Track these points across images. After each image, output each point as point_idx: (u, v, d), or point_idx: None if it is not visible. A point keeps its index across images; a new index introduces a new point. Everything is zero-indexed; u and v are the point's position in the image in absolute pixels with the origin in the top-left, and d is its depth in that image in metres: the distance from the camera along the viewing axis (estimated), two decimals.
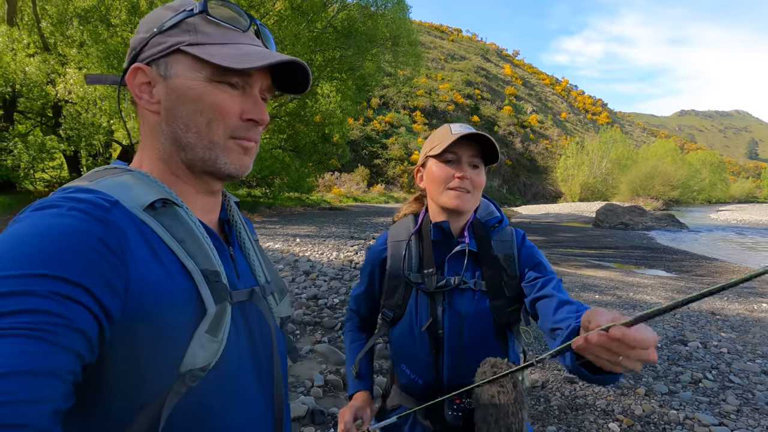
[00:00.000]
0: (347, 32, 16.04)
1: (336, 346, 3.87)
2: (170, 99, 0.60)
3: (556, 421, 2.92)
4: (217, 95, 0.60)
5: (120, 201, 0.53)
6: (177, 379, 0.52)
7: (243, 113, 0.62)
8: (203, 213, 0.66)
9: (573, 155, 56.35)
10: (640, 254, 12.03)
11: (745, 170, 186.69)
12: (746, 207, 56.57)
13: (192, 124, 0.60)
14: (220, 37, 0.61)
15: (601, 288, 6.97)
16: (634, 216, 20.89)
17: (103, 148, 14.17)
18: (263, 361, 0.66)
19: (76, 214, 0.48)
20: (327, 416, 2.73)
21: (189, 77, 0.60)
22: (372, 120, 49.95)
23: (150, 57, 0.61)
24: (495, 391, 0.86)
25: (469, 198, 1.04)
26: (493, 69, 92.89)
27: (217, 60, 0.58)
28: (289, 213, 17.84)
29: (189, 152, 0.61)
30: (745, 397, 3.34)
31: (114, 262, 0.48)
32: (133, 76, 0.61)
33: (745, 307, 6.13)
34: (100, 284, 0.46)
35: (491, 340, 1.04)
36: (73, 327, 0.42)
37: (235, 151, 0.63)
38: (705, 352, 4.22)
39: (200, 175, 0.64)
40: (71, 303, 0.43)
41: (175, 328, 0.52)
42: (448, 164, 1.05)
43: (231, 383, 0.59)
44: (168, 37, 0.60)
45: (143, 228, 0.54)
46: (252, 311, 0.66)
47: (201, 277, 0.56)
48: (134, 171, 0.60)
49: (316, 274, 6.36)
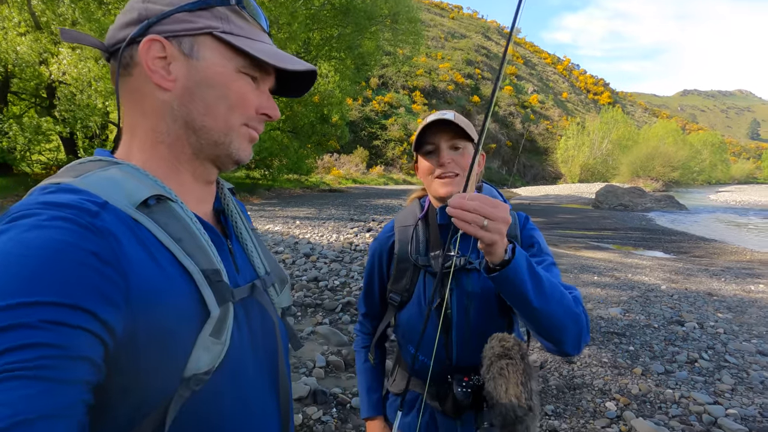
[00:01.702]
0: (345, 9, 15.67)
1: (337, 328, 3.91)
2: (192, 80, 0.58)
3: (554, 400, 2.97)
4: (243, 86, 0.61)
5: (109, 201, 0.49)
6: (181, 384, 0.50)
7: (259, 107, 0.64)
8: (198, 204, 0.64)
9: (573, 136, 55.92)
10: (639, 236, 12.07)
11: (746, 151, 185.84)
12: (746, 188, 56.58)
13: (213, 108, 0.59)
14: (250, 33, 0.62)
15: (600, 269, 7.01)
16: (633, 197, 20.89)
17: (100, 129, 14.01)
18: (266, 355, 0.65)
19: (60, 224, 0.43)
20: (329, 396, 2.78)
21: (219, 63, 0.59)
22: (371, 100, 49.29)
23: (171, 32, 0.57)
24: (504, 364, 0.88)
25: (458, 181, 1.05)
26: (494, 48, 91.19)
27: (260, 55, 0.60)
28: (289, 195, 17.80)
29: (203, 136, 0.60)
30: (739, 376, 3.39)
31: (109, 274, 0.44)
32: (149, 47, 0.56)
33: (742, 288, 6.19)
34: (97, 301, 0.42)
35: (496, 319, 1.05)
36: (75, 356, 0.40)
37: (245, 140, 0.64)
38: (701, 332, 4.28)
39: (203, 161, 0.62)
40: (68, 329, 0.39)
41: (177, 333, 0.50)
42: (428, 156, 1.08)
43: (234, 382, 0.57)
44: (197, 18, 0.58)
45: (137, 229, 0.50)
46: (253, 306, 0.64)
47: (202, 277, 0.53)
48: (122, 163, 0.56)
49: (317, 257, 6.38)
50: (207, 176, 0.64)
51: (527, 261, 0.84)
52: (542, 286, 0.84)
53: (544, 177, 58.96)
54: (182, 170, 0.61)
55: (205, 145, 0.60)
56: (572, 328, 0.89)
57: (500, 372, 0.88)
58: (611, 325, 4.35)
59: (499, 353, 0.90)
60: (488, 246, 0.79)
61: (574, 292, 0.95)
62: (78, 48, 10.93)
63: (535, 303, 0.83)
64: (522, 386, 0.86)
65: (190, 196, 0.62)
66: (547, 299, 0.85)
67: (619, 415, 2.79)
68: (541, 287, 0.84)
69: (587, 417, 2.78)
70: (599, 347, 3.84)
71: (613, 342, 3.96)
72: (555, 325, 0.87)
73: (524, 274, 0.82)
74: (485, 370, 0.91)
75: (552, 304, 0.85)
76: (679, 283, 6.41)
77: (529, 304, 0.84)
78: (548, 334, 0.89)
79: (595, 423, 2.71)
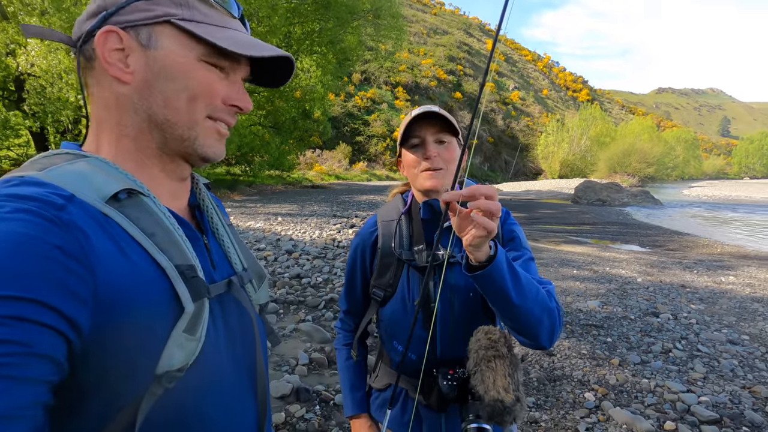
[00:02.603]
0: (327, 3, 15.49)
1: (320, 325, 3.89)
2: (151, 71, 0.55)
3: (536, 392, 3.02)
4: (207, 75, 0.58)
5: (76, 195, 0.47)
6: (153, 382, 0.48)
7: (227, 98, 0.61)
8: (171, 200, 0.62)
9: (553, 132, 56.85)
10: (616, 230, 12.38)
11: (717, 147, 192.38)
12: (717, 183, 58.67)
13: (172, 101, 0.56)
14: (215, 19, 0.59)
15: (579, 263, 7.16)
16: (611, 192, 21.39)
17: (72, 124, 13.54)
18: (244, 351, 0.64)
19: (23, 216, 0.41)
20: (312, 394, 2.76)
21: (179, 53, 0.56)
22: (353, 96, 48.98)
23: (128, 22, 0.54)
24: (491, 356, 0.89)
25: (443, 174, 1.06)
26: (475, 44, 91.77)
27: (222, 43, 0.56)
28: (270, 191, 17.59)
29: (166, 130, 0.57)
30: (711, 365, 3.52)
31: (75, 268, 0.43)
32: (104, 39, 0.54)
33: (713, 280, 6.41)
34: (61, 296, 0.41)
35: (479, 312, 1.06)
36: (36, 353, 0.38)
37: (212, 135, 0.61)
38: (675, 323, 4.42)
39: (173, 157, 0.60)
40: (29, 325, 0.38)
41: (150, 329, 0.48)
42: (414, 149, 1.08)
43: (209, 380, 0.56)
44: (155, 5, 0.55)
45: (107, 223, 0.48)
46: (230, 302, 0.63)
47: (176, 273, 0.52)
48: (90, 156, 0.54)
49: (299, 253, 6.33)
50: (179, 172, 0.62)
51: (507, 258, 0.85)
52: (520, 283, 0.85)
53: (525, 173, 59.83)
54: (150, 164, 0.59)
55: (170, 140, 0.58)
56: (547, 323, 0.90)
57: (488, 364, 0.88)
58: (590, 318, 4.45)
59: (485, 345, 0.91)
60: (480, 242, 0.79)
61: (548, 287, 0.97)
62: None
63: (514, 300, 0.84)
64: (509, 377, 0.87)
65: (163, 191, 0.60)
66: (525, 296, 0.86)
67: (597, 405, 2.86)
68: (519, 284, 0.85)
69: (567, 408, 2.83)
70: (578, 339, 3.92)
71: (591, 334, 4.05)
72: (531, 320, 0.88)
73: (505, 272, 0.83)
74: (472, 363, 0.91)
75: (529, 301, 0.87)
76: (654, 275, 6.60)
77: (509, 301, 0.84)
78: (524, 329, 0.90)
79: (574, 413, 2.76)
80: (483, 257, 0.81)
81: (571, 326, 4.23)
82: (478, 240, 0.78)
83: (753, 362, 3.58)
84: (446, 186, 1.07)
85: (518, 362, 0.91)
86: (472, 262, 0.83)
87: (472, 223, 0.78)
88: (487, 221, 0.75)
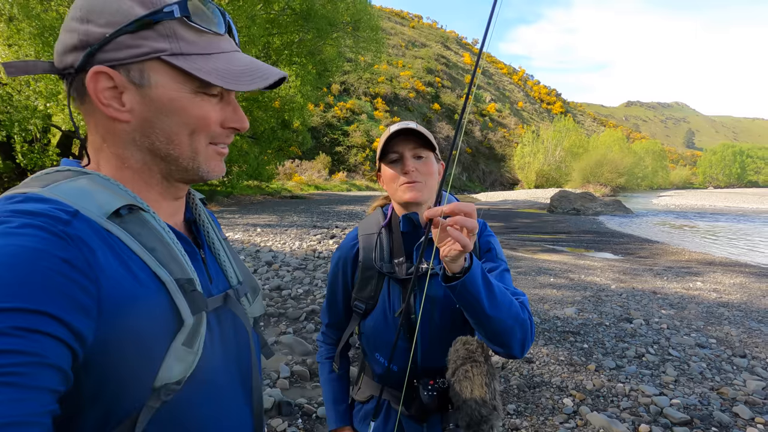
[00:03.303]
0: (306, 15, 15.56)
1: (301, 337, 3.85)
2: (148, 109, 0.55)
3: (516, 399, 3.06)
4: (203, 107, 0.58)
5: (80, 210, 0.48)
6: (151, 394, 0.49)
7: (224, 122, 0.61)
8: (169, 216, 0.63)
9: (529, 143, 58.25)
10: (591, 238, 12.72)
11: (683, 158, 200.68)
12: (684, 193, 61.13)
13: (175, 137, 0.57)
14: (203, 46, 0.56)
15: (556, 271, 7.32)
16: (585, 202, 22.00)
17: (41, 133, 13.08)
18: (239, 364, 0.65)
19: (32, 231, 0.43)
20: (294, 407, 2.73)
21: (173, 88, 0.55)
22: (333, 106, 49.06)
23: (116, 61, 0.53)
24: (469, 366, 0.91)
25: (421, 187, 1.08)
26: (453, 57, 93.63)
27: (214, 80, 0.55)
28: (249, 202, 17.35)
29: (171, 162, 0.58)
30: (681, 368, 3.65)
31: (82, 281, 0.44)
32: (95, 80, 0.53)
33: (682, 286, 6.66)
34: (68, 308, 0.42)
35: (459, 323, 1.08)
36: (46, 363, 0.40)
37: (214, 158, 0.62)
38: (648, 328, 4.56)
39: (174, 182, 0.61)
40: (40, 336, 0.40)
41: (150, 342, 0.50)
42: (393, 164, 1.10)
43: (206, 391, 0.57)
44: (141, 41, 0.53)
45: (109, 238, 0.50)
46: (226, 315, 0.64)
47: (176, 286, 0.53)
48: (91, 174, 0.55)
49: (279, 265, 6.26)
50: (176, 193, 0.64)
51: (481, 269, 0.87)
52: (494, 294, 0.88)
53: (503, 183, 60.91)
54: (151, 190, 0.60)
55: (174, 171, 0.60)
56: (519, 333, 0.93)
57: (465, 374, 0.90)
58: (567, 325, 4.55)
59: (463, 356, 0.93)
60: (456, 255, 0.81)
61: (522, 298, 1.00)
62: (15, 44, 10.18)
63: (488, 310, 0.87)
64: (486, 387, 0.89)
65: (161, 209, 0.61)
66: (498, 307, 0.88)
67: (575, 410, 2.93)
68: (493, 295, 0.88)
69: (546, 414, 2.89)
70: (556, 346, 4.00)
71: (569, 341, 4.14)
72: (504, 330, 0.90)
73: (479, 283, 0.85)
74: (450, 373, 0.93)
75: (502, 312, 0.89)
76: (627, 282, 6.81)
77: (483, 312, 0.87)
78: (497, 339, 0.92)
79: (554, 419, 2.82)
80: (458, 269, 0.84)
81: (549, 333, 4.32)
82: (454, 253, 0.81)
83: (720, 364, 3.73)
84: (425, 198, 1.10)
85: (495, 371, 0.94)
86: (448, 273, 0.85)
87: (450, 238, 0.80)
88: (462, 237, 0.77)
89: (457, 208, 0.79)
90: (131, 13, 0.52)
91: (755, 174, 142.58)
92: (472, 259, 0.85)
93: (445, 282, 0.86)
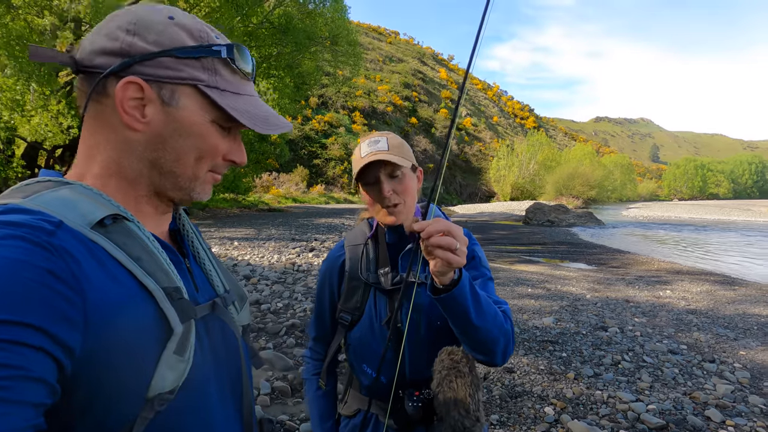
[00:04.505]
0: (284, 29, 15.62)
1: (282, 352, 3.78)
2: (167, 128, 0.57)
3: (498, 410, 3.08)
4: (216, 137, 0.61)
5: (64, 221, 0.48)
6: (144, 405, 0.49)
7: (227, 154, 0.64)
8: (154, 226, 0.63)
9: (504, 157, 59.67)
10: (565, 249, 13.04)
11: (649, 172, 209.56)
12: (651, 204, 63.66)
13: (183, 157, 0.59)
14: (235, 86, 0.61)
15: (533, 282, 7.46)
16: (559, 214, 22.60)
17: (4, 144, 12.55)
18: (229, 372, 0.65)
19: (15, 243, 0.42)
20: (276, 424, 2.66)
21: (197, 114, 0.58)
22: (311, 119, 49.08)
23: (153, 76, 0.55)
24: (453, 377, 0.91)
25: (401, 209, 1.08)
26: (429, 72, 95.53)
27: (242, 119, 0.59)
28: (225, 215, 17.03)
29: (168, 179, 0.60)
30: (656, 374, 3.76)
31: (66, 293, 0.43)
32: (126, 88, 0.54)
33: (653, 294, 6.89)
34: (54, 320, 0.41)
35: (445, 333, 1.08)
36: (30, 376, 0.39)
37: (208, 183, 0.64)
38: (622, 336, 4.69)
39: (162, 198, 0.62)
40: (24, 349, 0.39)
41: (139, 352, 0.49)
42: (369, 187, 1.08)
43: (197, 400, 0.57)
44: (184, 66, 0.56)
45: (94, 249, 0.49)
46: (215, 324, 0.64)
47: (163, 295, 0.53)
48: (74, 184, 0.54)
49: (258, 279, 6.15)
50: (164, 209, 0.64)
51: (470, 282, 0.89)
52: (481, 306, 0.89)
53: (479, 195, 61.98)
54: (140, 202, 0.61)
55: (168, 187, 0.61)
56: (502, 342, 0.94)
57: (449, 385, 0.91)
58: (545, 334, 4.63)
59: (448, 366, 0.93)
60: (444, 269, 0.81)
61: (504, 307, 1.01)
62: None
63: (475, 321, 0.87)
64: (470, 398, 0.90)
65: (146, 220, 0.61)
66: (484, 318, 0.89)
67: (557, 418, 2.96)
68: (480, 306, 0.89)
69: (529, 423, 2.91)
70: (536, 355, 4.06)
71: (548, 350, 4.21)
72: (488, 340, 0.92)
73: (467, 295, 0.86)
74: (435, 384, 0.93)
75: (488, 323, 0.90)
76: (601, 291, 7.00)
77: (470, 322, 0.87)
78: (481, 348, 0.93)
79: (536, 428, 2.84)
80: (447, 281, 0.84)
81: (528, 343, 4.38)
82: (443, 268, 0.81)
83: (691, 370, 3.86)
84: (404, 218, 1.10)
85: (479, 382, 0.94)
86: (437, 284, 0.86)
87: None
88: (449, 256, 0.77)
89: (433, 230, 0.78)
90: (180, 40, 0.57)
91: (716, 187, 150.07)
92: (461, 271, 0.86)
93: (434, 294, 0.86)
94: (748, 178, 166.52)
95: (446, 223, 0.80)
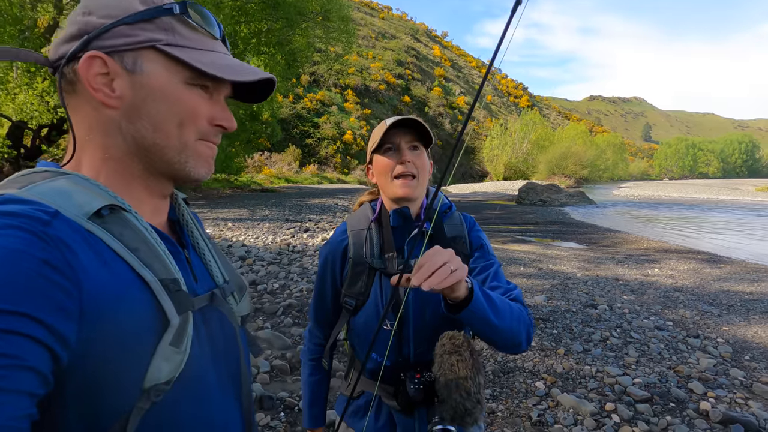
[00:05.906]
0: (275, 3, 15.18)
1: (279, 331, 3.84)
2: (138, 96, 0.56)
3: (491, 385, 3.19)
4: (193, 98, 0.59)
5: (60, 211, 0.47)
6: (141, 396, 0.49)
7: (212, 119, 0.61)
8: (153, 216, 0.62)
9: (497, 136, 59.42)
10: (557, 229, 13.21)
11: (641, 151, 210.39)
12: (642, 184, 64.27)
13: (162, 125, 0.57)
14: (198, 42, 0.59)
15: (525, 261, 7.58)
16: (551, 193, 22.76)
17: None
18: (227, 362, 0.65)
19: (11, 233, 0.42)
20: (276, 401, 2.74)
21: (164, 77, 0.56)
22: (302, 98, 48.23)
23: (112, 47, 0.54)
24: (454, 360, 0.93)
25: (415, 184, 1.09)
26: (423, 49, 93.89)
27: (207, 68, 0.57)
28: (217, 195, 16.91)
29: (155, 153, 0.58)
30: (642, 349, 3.89)
31: (62, 282, 0.43)
32: (89, 64, 0.54)
33: (641, 273, 7.05)
34: (48, 310, 0.41)
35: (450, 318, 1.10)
36: (25, 365, 0.39)
37: (202, 155, 0.62)
38: (611, 313, 4.82)
39: (158, 177, 0.61)
40: (18, 338, 0.39)
41: (136, 343, 0.49)
42: (388, 154, 1.10)
43: (195, 391, 0.57)
44: (139, 30, 0.55)
45: (91, 239, 0.49)
46: (213, 314, 0.64)
47: (160, 287, 0.53)
48: (71, 174, 0.54)
49: (253, 259, 6.18)
50: (162, 190, 0.63)
51: (481, 289, 0.91)
52: (497, 307, 0.92)
53: (472, 175, 61.97)
54: (135, 184, 0.60)
55: (158, 163, 0.59)
56: (524, 332, 0.99)
57: (451, 368, 0.92)
58: (537, 312, 4.75)
59: (449, 350, 0.95)
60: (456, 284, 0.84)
61: (514, 293, 1.04)
62: None
63: (496, 324, 0.91)
64: (471, 381, 0.92)
65: (145, 208, 0.61)
66: (503, 317, 0.93)
67: (547, 392, 3.08)
68: (496, 308, 0.92)
69: (520, 397, 3.02)
70: None
71: (539, 327, 4.32)
72: (513, 335, 0.96)
73: (484, 303, 0.89)
74: (437, 367, 0.95)
75: (507, 320, 0.94)
76: (591, 270, 7.14)
77: (492, 326, 0.91)
78: (508, 344, 0.98)
79: (527, 402, 2.96)
80: (463, 295, 0.87)
81: None
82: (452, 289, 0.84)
83: (676, 345, 4.00)
84: (417, 195, 1.11)
85: (480, 366, 0.96)
86: (450, 301, 0.88)
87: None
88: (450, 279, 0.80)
89: (421, 277, 0.81)
90: (131, 7, 0.56)
91: (706, 166, 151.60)
92: (472, 282, 0.88)
93: (451, 312, 0.89)
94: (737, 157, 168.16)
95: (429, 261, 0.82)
